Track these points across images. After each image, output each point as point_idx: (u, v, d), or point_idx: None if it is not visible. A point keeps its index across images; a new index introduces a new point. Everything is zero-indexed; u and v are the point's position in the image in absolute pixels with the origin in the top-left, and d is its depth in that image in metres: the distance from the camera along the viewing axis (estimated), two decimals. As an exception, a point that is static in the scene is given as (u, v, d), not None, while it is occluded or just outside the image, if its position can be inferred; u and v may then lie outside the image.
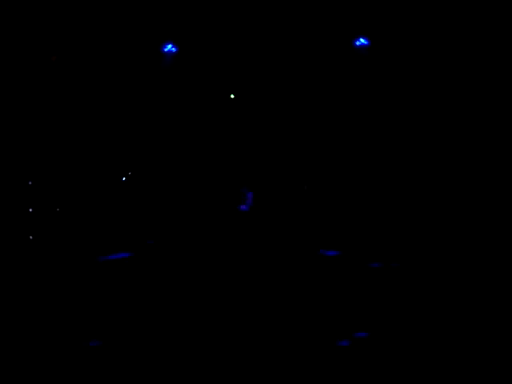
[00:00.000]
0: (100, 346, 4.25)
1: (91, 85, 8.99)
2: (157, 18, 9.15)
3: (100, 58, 9.18)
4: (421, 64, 8.70)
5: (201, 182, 9.37)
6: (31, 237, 8.27)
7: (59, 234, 8.20)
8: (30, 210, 8.42)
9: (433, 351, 4.08)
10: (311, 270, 6.90)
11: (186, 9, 9.12)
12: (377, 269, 6.87)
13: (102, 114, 8.56)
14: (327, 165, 9.30)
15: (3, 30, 8.07)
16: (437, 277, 6.36)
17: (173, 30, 9.40)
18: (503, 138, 7.83)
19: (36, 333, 4.52)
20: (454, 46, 8.41)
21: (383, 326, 4.68)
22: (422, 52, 8.66)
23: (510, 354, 3.99)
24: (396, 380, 3.68)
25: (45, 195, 8.37)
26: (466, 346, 4.17)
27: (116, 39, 9.15)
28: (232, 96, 9.61)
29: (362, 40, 9.04)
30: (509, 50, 7.98)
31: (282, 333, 4.51)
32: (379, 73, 9.06)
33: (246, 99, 9.65)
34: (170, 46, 9.49)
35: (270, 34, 9.34)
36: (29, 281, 6.32)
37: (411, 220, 8.18)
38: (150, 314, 5.09)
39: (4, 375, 3.77)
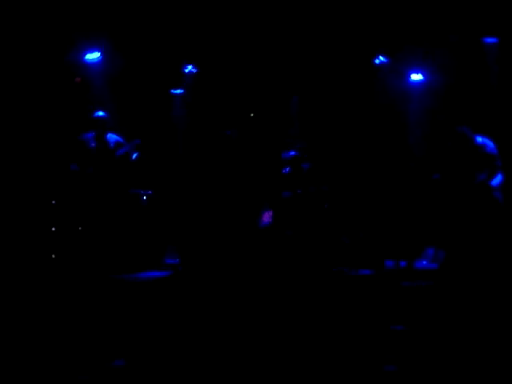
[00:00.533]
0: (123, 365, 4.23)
1: (114, 105, 9.13)
2: (178, 41, 9.33)
3: (122, 79, 9.36)
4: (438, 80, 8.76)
5: (221, 200, 9.39)
6: (53, 255, 8.33)
7: (81, 253, 8.23)
8: (53, 228, 8.49)
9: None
10: (328, 287, 6.87)
11: (206, 32, 9.29)
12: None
13: (123, 134, 8.65)
14: (347, 182, 9.30)
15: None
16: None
17: (193, 52, 9.58)
18: None
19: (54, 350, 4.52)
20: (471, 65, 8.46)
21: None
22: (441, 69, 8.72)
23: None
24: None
25: (68, 214, 8.44)
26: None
27: (139, 60, 9.33)
28: (252, 115, 9.71)
29: (381, 58, 9.12)
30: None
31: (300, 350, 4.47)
32: (400, 90, 9.13)
33: (265, 117, 9.73)
34: (190, 67, 9.68)
35: (289, 53, 9.46)
36: (52, 299, 6.34)
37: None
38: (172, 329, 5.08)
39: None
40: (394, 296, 6.23)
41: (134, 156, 8.12)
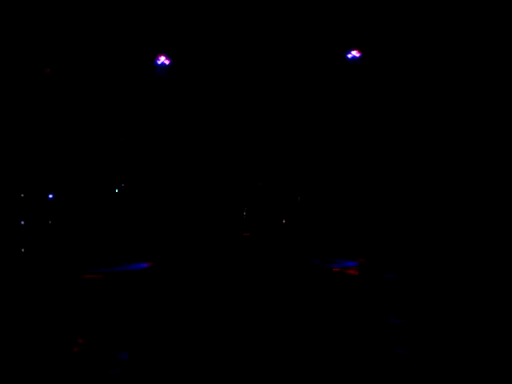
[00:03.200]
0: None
1: (85, 98, 8.96)
2: (150, 31, 9.19)
3: (94, 70, 9.17)
4: (412, 76, 8.88)
5: (195, 195, 9.37)
6: (23, 249, 8.16)
7: (52, 247, 8.11)
8: (22, 222, 8.32)
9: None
10: (303, 279, 6.95)
11: (180, 22, 9.18)
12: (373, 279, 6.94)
13: (97, 127, 8.52)
14: (320, 176, 9.39)
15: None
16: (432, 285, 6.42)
17: (166, 43, 9.45)
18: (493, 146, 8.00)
19: (34, 342, 4.47)
20: (444, 55, 8.60)
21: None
22: (414, 63, 8.85)
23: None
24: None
25: (37, 208, 8.29)
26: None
27: (110, 51, 9.16)
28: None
29: (353, 52, 9.21)
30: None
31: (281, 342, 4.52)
32: (371, 85, 9.23)
33: (238, 112, 9.70)
34: (163, 59, 9.52)
35: (262, 47, 9.45)
36: (24, 294, 6.23)
37: (406, 228, 8.26)
38: (155, 326, 5.07)
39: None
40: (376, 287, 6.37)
41: None
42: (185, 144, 9.58)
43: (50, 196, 8.40)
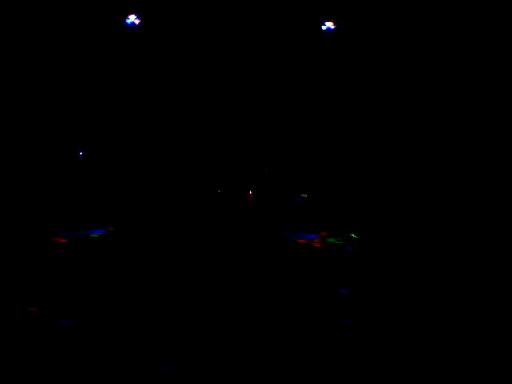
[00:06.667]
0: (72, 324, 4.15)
1: (49, 64, 8.68)
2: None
3: (59, 31, 8.87)
4: (389, 49, 8.80)
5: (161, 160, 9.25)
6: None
7: (19, 212, 7.93)
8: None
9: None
10: (268, 250, 6.96)
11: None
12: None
13: (63, 95, 8.29)
14: (290, 150, 9.34)
15: None
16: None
17: (136, 1, 9.18)
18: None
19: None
20: (420, 30, 8.53)
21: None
22: (390, 37, 8.76)
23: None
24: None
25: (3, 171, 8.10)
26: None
27: (75, 9, 8.86)
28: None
29: (328, 24, 9.08)
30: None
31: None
32: (346, 58, 9.13)
33: (212, 83, 9.51)
34: (132, 18, 9.23)
35: (235, 16, 9.26)
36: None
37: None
38: (123, 294, 5.02)
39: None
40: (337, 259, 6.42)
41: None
42: (154, 110, 9.39)
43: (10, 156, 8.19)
